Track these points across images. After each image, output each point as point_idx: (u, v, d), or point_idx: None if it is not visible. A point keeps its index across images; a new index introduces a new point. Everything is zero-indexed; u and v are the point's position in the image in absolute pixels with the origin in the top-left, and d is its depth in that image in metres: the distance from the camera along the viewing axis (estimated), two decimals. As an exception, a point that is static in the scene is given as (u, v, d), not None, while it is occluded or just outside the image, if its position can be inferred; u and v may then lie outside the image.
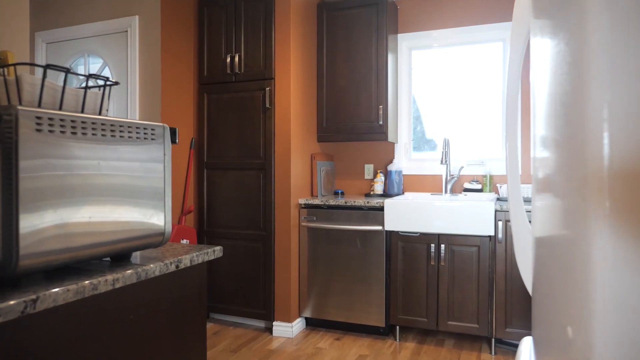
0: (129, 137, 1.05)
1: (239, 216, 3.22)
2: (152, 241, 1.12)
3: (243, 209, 3.20)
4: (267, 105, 3.10)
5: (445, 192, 3.35)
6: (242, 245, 3.21)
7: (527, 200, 3.02)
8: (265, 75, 3.13)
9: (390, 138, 3.39)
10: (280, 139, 3.10)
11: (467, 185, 3.38)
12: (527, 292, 2.70)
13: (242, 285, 3.21)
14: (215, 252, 1.30)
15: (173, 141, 1.20)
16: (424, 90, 3.66)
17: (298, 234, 3.20)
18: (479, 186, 3.34)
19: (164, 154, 1.15)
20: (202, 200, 3.34)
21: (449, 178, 3.35)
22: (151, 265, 1.06)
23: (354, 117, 3.39)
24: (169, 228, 1.16)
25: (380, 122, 3.29)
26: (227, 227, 3.26)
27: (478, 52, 3.50)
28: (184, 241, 3.18)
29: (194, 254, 1.21)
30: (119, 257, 1.10)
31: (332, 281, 3.12)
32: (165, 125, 1.16)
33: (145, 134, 1.09)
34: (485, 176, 3.34)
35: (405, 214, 2.90)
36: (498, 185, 3.23)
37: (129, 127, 1.05)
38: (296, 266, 3.18)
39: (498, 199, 3.09)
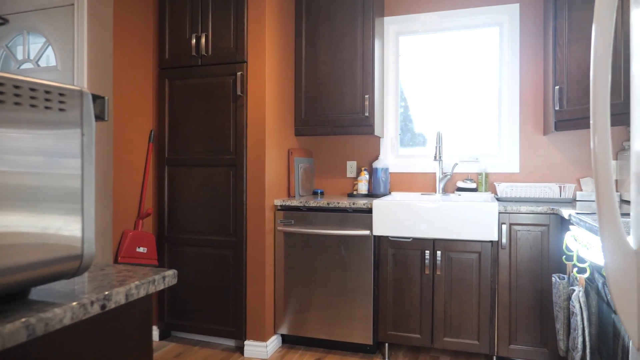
0: (16, 104, 0.65)
1: (206, 220, 2.80)
2: (61, 269, 0.72)
3: (210, 211, 2.79)
4: (239, 93, 2.70)
5: (438, 191, 3.02)
6: (210, 253, 2.80)
7: (528, 201, 2.72)
8: (237, 58, 2.73)
9: (377, 132, 3.04)
10: (254, 132, 2.71)
11: (460, 184, 3.07)
12: (534, 305, 2.40)
13: (209, 299, 2.80)
14: (166, 279, 0.91)
15: (100, 116, 0.80)
16: (413, 80, 3.32)
17: (273, 239, 2.82)
18: (473, 185, 3.03)
19: (83, 135, 0.75)
20: (162, 202, 2.91)
21: (441, 176, 3.02)
22: (56, 310, 0.67)
23: (337, 107, 3.03)
24: (90, 247, 0.76)
25: (366, 114, 2.94)
26: (192, 232, 2.84)
27: (472, 38, 3.19)
28: (141, 249, 2.74)
29: (132, 285, 0.81)
30: (6, 298, 0.70)
31: (312, 293, 2.74)
32: (85, 90, 0.76)
33: (48, 102, 0.69)
34: (480, 174, 3.04)
35: (396, 217, 2.56)
36: (495, 183, 2.92)
37: (16, 87, 0.65)
38: (271, 276, 2.79)
39: (498, 199, 2.79)
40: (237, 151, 2.73)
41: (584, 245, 1.56)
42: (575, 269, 1.57)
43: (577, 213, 1.95)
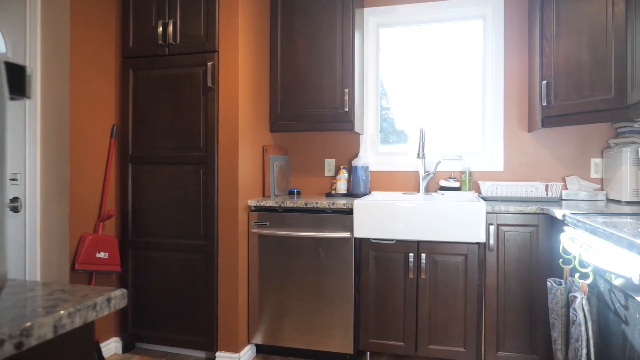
0: None
1: (174, 222, 2.59)
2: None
3: (179, 212, 2.58)
4: (209, 85, 2.50)
5: (421, 190, 2.89)
6: (178, 258, 2.59)
7: (514, 200, 2.62)
8: (207, 47, 2.53)
9: (357, 128, 2.89)
10: (226, 127, 2.51)
11: (443, 183, 2.94)
12: (523, 310, 2.29)
13: (177, 308, 2.59)
14: (111, 301, 0.72)
15: (19, 92, 0.61)
16: (393, 75, 3.18)
17: (247, 243, 2.63)
18: (456, 184, 2.91)
19: (-9, 115, 0.56)
20: (125, 202, 2.68)
21: (424, 175, 2.89)
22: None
23: (315, 102, 2.86)
24: (1, 266, 0.57)
25: (346, 109, 2.78)
26: (159, 235, 2.62)
27: (455, 31, 3.07)
28: (101, 254, 2.51)
29: (64, 313, 0.63)
30: None
31: (289, 300, 2.57)
32: (-6, 54, 0.56)
33: None
34: (463, 173, 2.92)
35: (378, 218, 2.41)
36: (480, 182, 2.81)
37: None
38: (245, 282, 2.60)
39: (483, 199, 2.67)
40: (207, 148, 2.53)
41: (586, 248, 1.44)
42: (576, 275, 1.45)
43: (573, 213, 1.84)
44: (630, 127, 2.51)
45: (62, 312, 0.62)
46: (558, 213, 1.99)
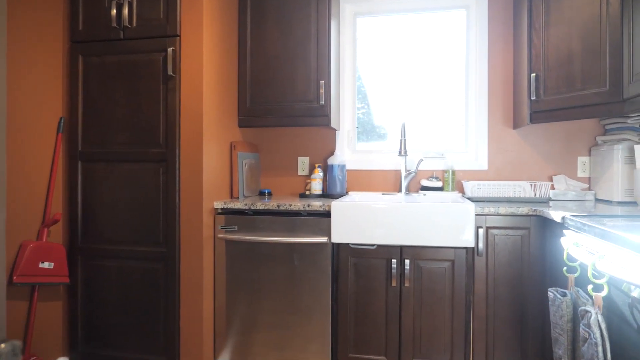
0: None
1: (130, 226, 2.31)
2: None
3: (136, 216, 2.30)
4: (170, 73, 2.24)
5: (402, 191, 2.69)
6: (135, 267, 2.31)
7: (494, 200, 2.45)
8: (168, 31, 2.26)
9: (333, 123, 2.68)
10: (189, 121, 2.25)
11: (425, 182, 2.76)
12: (514, 318, 2.12)
13: (135, 322, 2.31)
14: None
15: None
16: (372, 67, 2.99)
17: (213, 249, 2.37)
18: (439, 184, 2.73)
19: None
20: (74, 205, 2.38)
21: (405, 174, 2.70)
22: None
23: (288, 95, 2.62)
24: None
25: (322, 102, 2.56)
26: (113, 242, 2.34)
27: (436, 21, 2.90)
28: (45, 264, 2.21)
29: None
30: None
31: (259, 312, 2.33)
32: None
33: None
34: (446, 171, 2.74)
35: (358, 221, 2.20)
36: (463, 182, 2.64)
37: None
38: (210, 293, 2.35)
39: (470, 200, 2.50)
40: (168, 144, 2.26)
41: (600, 256, 1.26)
42: (589, 286, 1.27)
43: (574, 216, 1.67)
44: (623, 123, 2.38)
45: None
46: (555, 215, 1.83)
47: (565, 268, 1.51)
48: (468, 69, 2.83)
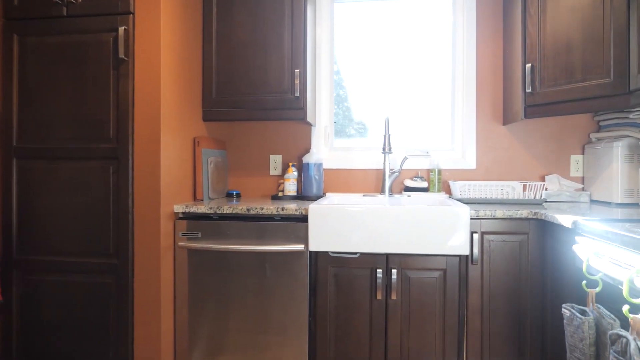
0: None
1: (76, 235, 1.99)
2: None
3: (82, 223, 1.98)
4: (122, 56, 1.93)
5: (386, 192, 2.46)
6: (81, 282, 1.99)
7: (485, 202, 2.25)
8: (120, 7, 1.95)
9: (309, 117, 2.42)
10: (144, 112, 1.95)
11: (408, 182, 2.53)
12: (512, 333, 1.91)
13: (80, 346, 1.99)
14: None
15: None
16: (350, 58, 2.74)
17: (173, 259, 2.07)
18: (424, 184, 2.51)
19: None
20: (8, 210, 2.04)
21: (389, 173, 2.47)
22: None
23: (259, 85, 2.35)
24: None
25: (297, 94, 2.30)
26: (55, 253, 2.01)
27: (421, 8, 2.68)
28: (-31, 281, 1.86)
29: None
30: None
31: (227, 331, 2.04)
32: None
33: None
34: (432, 171, 2.53)
35: (339, 226, 1.94)
36: (450, 182, 2.42)
37: None
38: (170, 310, 2.05)
39: (459, 201, 2.28)
40: (119, 138, 1.95)
41: (638, 272, 1.05)
42: (625, 307, 1.06)
43: (588, 220, 1.47)
44: (623, 118, 2.21)
45: None
46: (564, 220, 1.62)
47: (584, 282, 1.29)
48: (454, 60, 2.62)
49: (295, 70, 2.29)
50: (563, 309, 1.36)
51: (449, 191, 2.58)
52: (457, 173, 2.57)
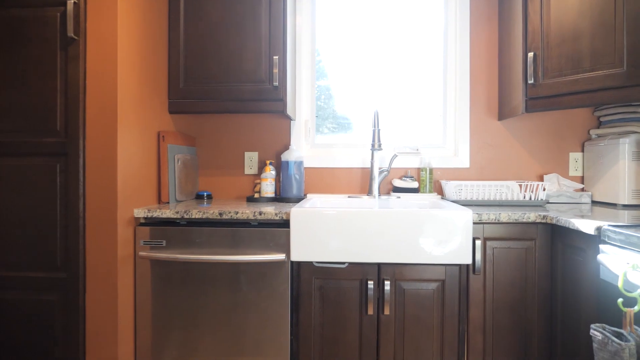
0: None
1: (14, 245, 1.69)
2: None
3: (22, 230, 1.68)
4: (71, 35, 1.64)
5: (374, 193, 2.24)
6: (21, 301, 1.69)
7: (484, 204, 2.06)
8: (67, -22, 1.66)
9: (289, 110, 2.17)
10: (98, 101, 1.67)
11: (397, 182, 2.32)
12: (518, 352, 1.72)
13: (21, 375, 1.69)
14: None
15: None
16: (333, 46, 2.51)
17: (133, 272, 1.80)
18: (414, 184, 2.30)
19: None
20: None
21: (377, 172, 2.25)
22: None
23: (233, 73, 2.09)
24: None
25: (276, 83, 2.05)
26: (-10, 265, 1.70)
27: (409, -7, 2.47)
28: None
29: None
30: None
31: (197, 353, 1.78)
32: None
33: None
34: (423, 170, 2.32)
35: (325, 233, 1.71)
36: (443, 182, 2.22)
37: None
38: (130, 333, 1.77)
39: (455, 203, 2.08)
40: (68, 131, 1.66)
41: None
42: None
43: (616, 226, 1.28)
44: (629, 113, 2.05)
45: None
46: (584, 225, 1.43)
47: (621, 300, 1.10)
48: (446, 49, 2.42)
49: (274, 57, 2.04)
50: (592, 331, 1.16)
51: (440, 192, 2.38)
52: (449, 172, 2.37)
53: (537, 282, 1.71)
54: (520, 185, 2.16)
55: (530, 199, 2.08)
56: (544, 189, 2.19)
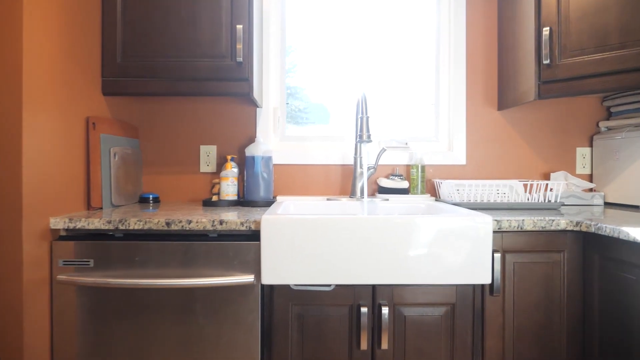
0: None
1: None
2: None
3: None
4: (-46, -21, 1.18)
5: (359, 194, 1.87)
6: None
7: (484, 207, 1.73)
8: None
9: (256, 94, 1.78)
10: (-2, 72, 1.22)
11: (384, 182, 1.97)
12: (543, 389, 1.40)
13: None
14: None
15: None
16: (305, 20, 2.13)
17: (50, 302, 1.35)
18: (404, 184, 1.96)
19: None
20: None
21: (362, 169, 1.88)
22: None
23: (186, 45, 1.67)
24: None
25: (239, 59, 1.65)
26: None
27: (395, -39, 2.12)
28: None
29: None
30: None
31: (137, 405, 1.35)
32: None
33: None
34: (413, 167, 1.98)
35: (304, 246, 1.32)
36: (437, 181, 1.89)
37: None
38: (45, 380, 1.32)
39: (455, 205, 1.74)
40: (-48, 112, 1.20)
41: None
42: None
43: None
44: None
45: None
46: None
47: None
48: (439, 27, 2.09)
49: (237, 26, 1.64)
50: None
51: (433, 192, 2.05)
52: (443, 169, 2.05)
53: (566, 303, 1.40)
54: (532, 185, 1.86)
55: (545, 200, 1.77)
56: (550, 189, 1.89)
